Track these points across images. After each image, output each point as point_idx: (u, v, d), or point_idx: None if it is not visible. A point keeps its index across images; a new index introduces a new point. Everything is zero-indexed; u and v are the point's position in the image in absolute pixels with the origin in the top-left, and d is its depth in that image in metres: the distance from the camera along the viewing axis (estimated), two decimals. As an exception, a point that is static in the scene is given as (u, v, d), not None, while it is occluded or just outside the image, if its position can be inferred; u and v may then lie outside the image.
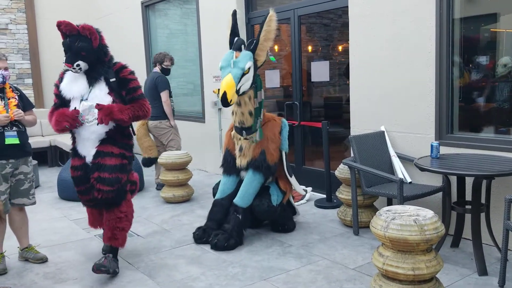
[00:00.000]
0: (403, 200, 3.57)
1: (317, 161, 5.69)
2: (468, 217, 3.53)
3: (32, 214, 4.04)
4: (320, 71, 5.44)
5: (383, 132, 4.35)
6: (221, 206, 4.10)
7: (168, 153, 5.55)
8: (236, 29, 4.00)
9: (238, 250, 3.86)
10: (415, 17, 4.02)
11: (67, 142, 6.09)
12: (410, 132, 4.20)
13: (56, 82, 3.59)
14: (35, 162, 6.45)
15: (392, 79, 4.29)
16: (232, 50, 3.86)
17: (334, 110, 5.58)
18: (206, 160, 7.06)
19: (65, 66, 3.41)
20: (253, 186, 4.00)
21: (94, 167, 3.39)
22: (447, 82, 3.91)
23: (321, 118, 5.56)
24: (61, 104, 3.51)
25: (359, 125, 4.66)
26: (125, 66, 3.55)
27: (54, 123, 3.43)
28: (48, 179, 7.08)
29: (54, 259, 3.80)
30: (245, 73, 3.72)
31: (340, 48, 5.38)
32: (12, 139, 3.49)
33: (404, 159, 4.18)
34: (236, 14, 4.04)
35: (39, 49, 9.09)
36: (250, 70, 3.77)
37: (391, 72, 4.29)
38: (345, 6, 4.76)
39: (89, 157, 3.47)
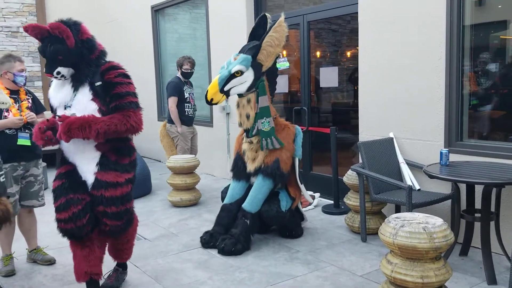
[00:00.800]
0: (412, 207, 3.55)
1: (325, 166, 5.68)
2: (477, 225, 3.50)
3: (40, 215, 4.05)
4: (328, 77, 5.44)
5: (392, 138, 4.34)
6: (229, 211, 4.10)
7: (175, 157, 5.57)
8: (255, 32, 4.02)
9: (245, 255, 3.86)
10: (426, 23, 4.01)
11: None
12: (419, 139, 4.18)
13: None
14: (44, 164, 6.48)
15: (401, 85, 4.28)
16: (236, 53, 3.93)
17: (342, 115, 5.58)
18: (213, 164, 7.08)
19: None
20: (262, 192, 4.00)
21: (97, 200, 2.87)
22: (457, 89, 3.89)
23: (329, 124, 5.55)
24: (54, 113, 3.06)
25: (367, 131, 4.65)
26: (114, 66, 2.92)
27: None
28: (56, 181, 7.09)
29: (62, 261, 3.81)
30: (236, 75, 3.80)
31: (348, 54, 5.38)
32: (24, 140, 3.52)
33: (412, 166, 4.16)
34: (263, 18, 4.00)
35: (49, 52, 9.16)
36: (242, 73, 3.82)
37: (400, 78, 4.27)
38: (354, 12, 4.76)
39: (88, 180, 2.94)
